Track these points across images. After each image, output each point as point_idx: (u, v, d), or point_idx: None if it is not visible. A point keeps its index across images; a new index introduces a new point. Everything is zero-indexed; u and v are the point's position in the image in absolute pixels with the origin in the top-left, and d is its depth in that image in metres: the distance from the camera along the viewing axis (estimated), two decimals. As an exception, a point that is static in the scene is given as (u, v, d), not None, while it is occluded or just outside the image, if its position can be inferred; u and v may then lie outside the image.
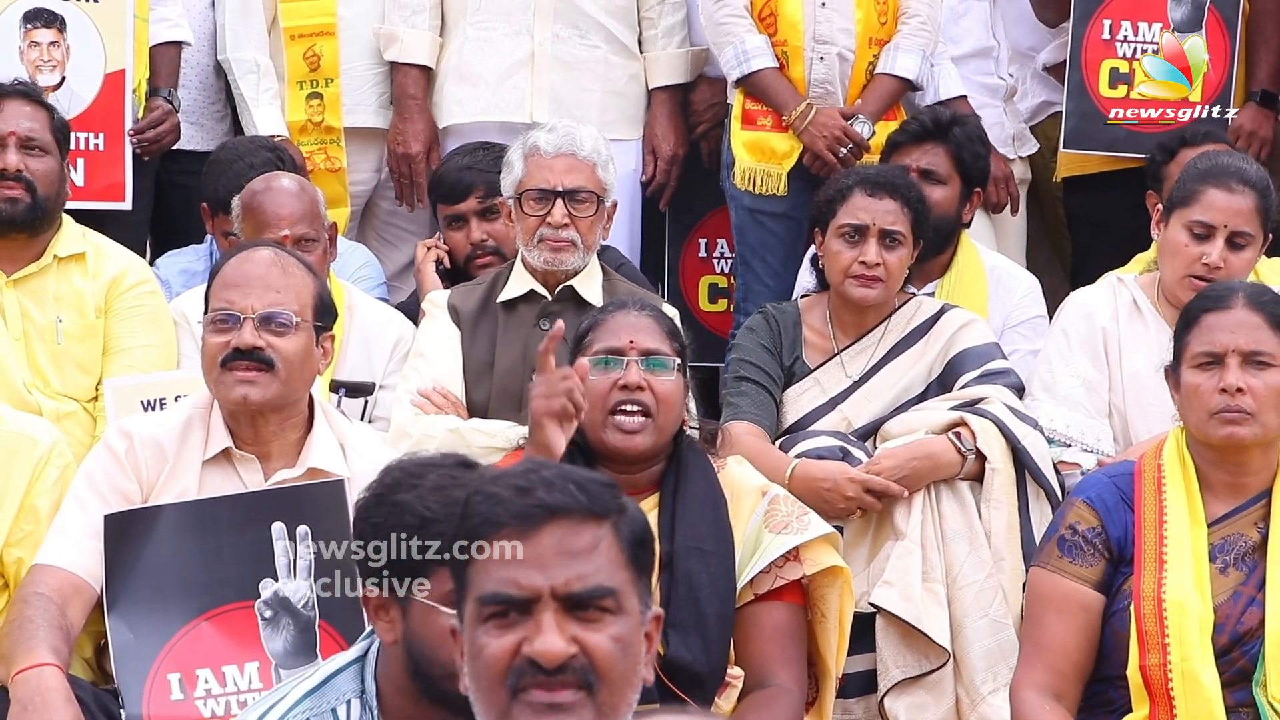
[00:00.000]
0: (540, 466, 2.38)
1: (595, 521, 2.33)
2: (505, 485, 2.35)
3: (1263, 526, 3.74)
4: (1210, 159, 4.74)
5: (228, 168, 5.17)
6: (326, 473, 3.81)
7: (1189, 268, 4.55)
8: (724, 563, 3.83)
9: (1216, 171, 4.59)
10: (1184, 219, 4.56)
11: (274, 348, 3.80)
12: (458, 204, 5.30)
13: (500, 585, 2.30)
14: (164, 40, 5.49)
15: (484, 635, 2.31)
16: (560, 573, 2.30)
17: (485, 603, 2.31)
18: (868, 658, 4.33)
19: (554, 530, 2.32)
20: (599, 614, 2.31)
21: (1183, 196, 4.59)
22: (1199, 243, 4.55)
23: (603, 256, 5.11)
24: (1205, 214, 4.54)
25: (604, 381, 3.89)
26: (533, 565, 2.30)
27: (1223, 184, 4.55)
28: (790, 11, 5.40)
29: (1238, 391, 3.71)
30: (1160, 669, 3.63)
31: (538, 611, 2.29)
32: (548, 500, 2.33)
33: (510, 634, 2.30)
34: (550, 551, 2.31)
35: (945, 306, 4.81)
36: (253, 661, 3.63)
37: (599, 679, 2.29)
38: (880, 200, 4.69)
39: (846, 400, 4.66)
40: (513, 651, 2.29)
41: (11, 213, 4.71)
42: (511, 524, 2.32)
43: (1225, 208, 4.53)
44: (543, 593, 2.29)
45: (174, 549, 3.69)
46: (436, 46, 5.72)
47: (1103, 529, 3.75)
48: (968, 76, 5.77)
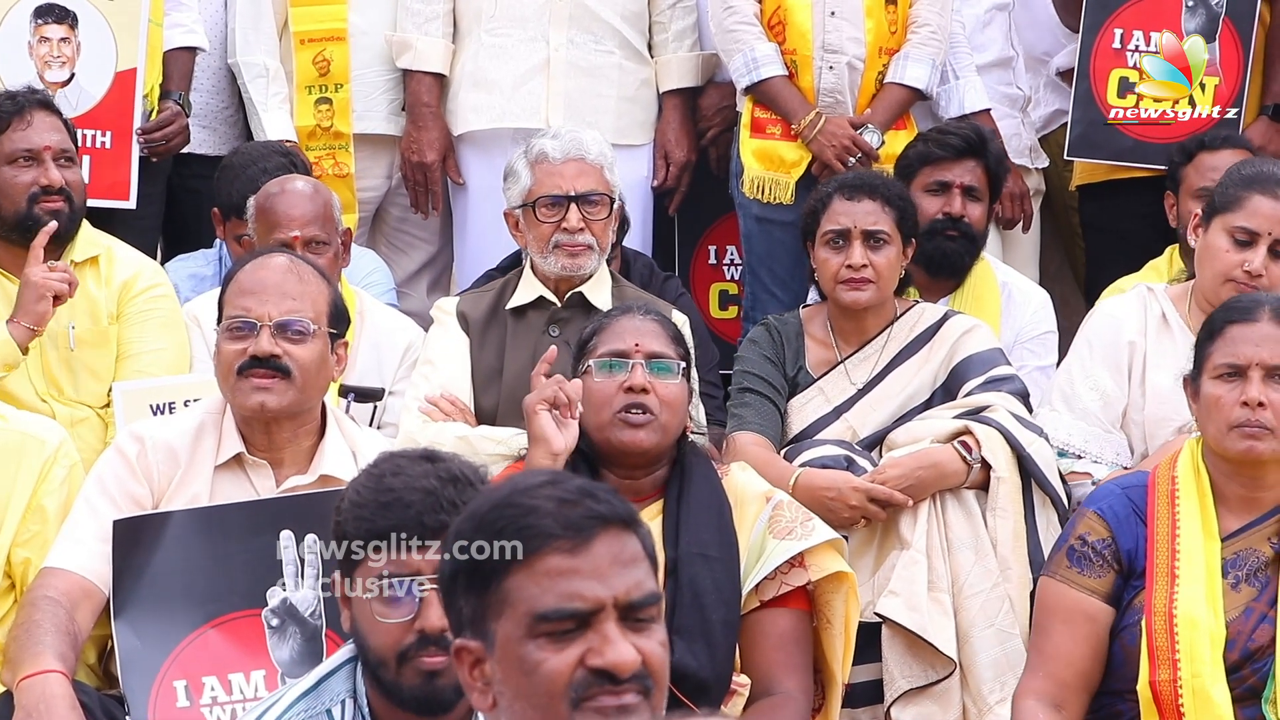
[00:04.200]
0: (563, 478, 2.34)
1: (632, 530, 2.31)
2: (542, 496, 2.28)
3: (1276, 542, 3.73)
4: (1255, 165, 4.71)
5: (240, 172, 5.17)
6: (338, 479, 3.80)
7: (1229, 273, 4.51)
8: (729, 569, 3.83)
9: (1262, 179, 4.55)
10: (1226, 224, 4.53)
11: (290, 355, 3.81)
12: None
13: (563, 600, 2.24)
14: (178, 45, 5.49)
15: (538, 651, 2.24)
16: (619, 582, 2.26)
17: (546, 619, 2.24)
18: (874, 668, 4.33)
19: (605, 540, 2.27)
20: (649, 621, 2.29)
21: (1225, 202, 4.55)
22: (1240, 249, 4.51)
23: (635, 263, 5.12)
24: (1249, 220, 4.50)
25: (609, 384, 3.90)
26: (592, 576, 2.25)
27: (1268, 191, 4.51)
28: (799, 20, 5.40)
29: (1259, 406, 3.69)
30: (1171, 684, 3.62)
31: (599, 623, 2.25)
32: (599, 510, 2.28)
33: (571, 648, 2.24)
34: (606, 562, 2.26)
35: (949, 313, 4.81)
36: (259, 670, 3.63)
37: (655, 684, 2.28)
38: (859, 202, 4.69)
39: (851, 409, 4.67)
40: (575, 665, 2.24)
41: (59, 226, 4.73)
42: (565, 535, 2.26)
43: (1270, 215, 4.50)
44: (606, 603, 2.25)
45: (181, 556, 3.69)
46: (450, 53, 5.72)
47: (1113, 541, 3.74)
48: (990, 86, 5.77)
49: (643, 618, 2.28)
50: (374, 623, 2.79)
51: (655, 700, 2.28)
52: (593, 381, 3.93)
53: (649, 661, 2.26)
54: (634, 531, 2.30)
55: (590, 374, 3.95)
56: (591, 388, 3.93)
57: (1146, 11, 5.62)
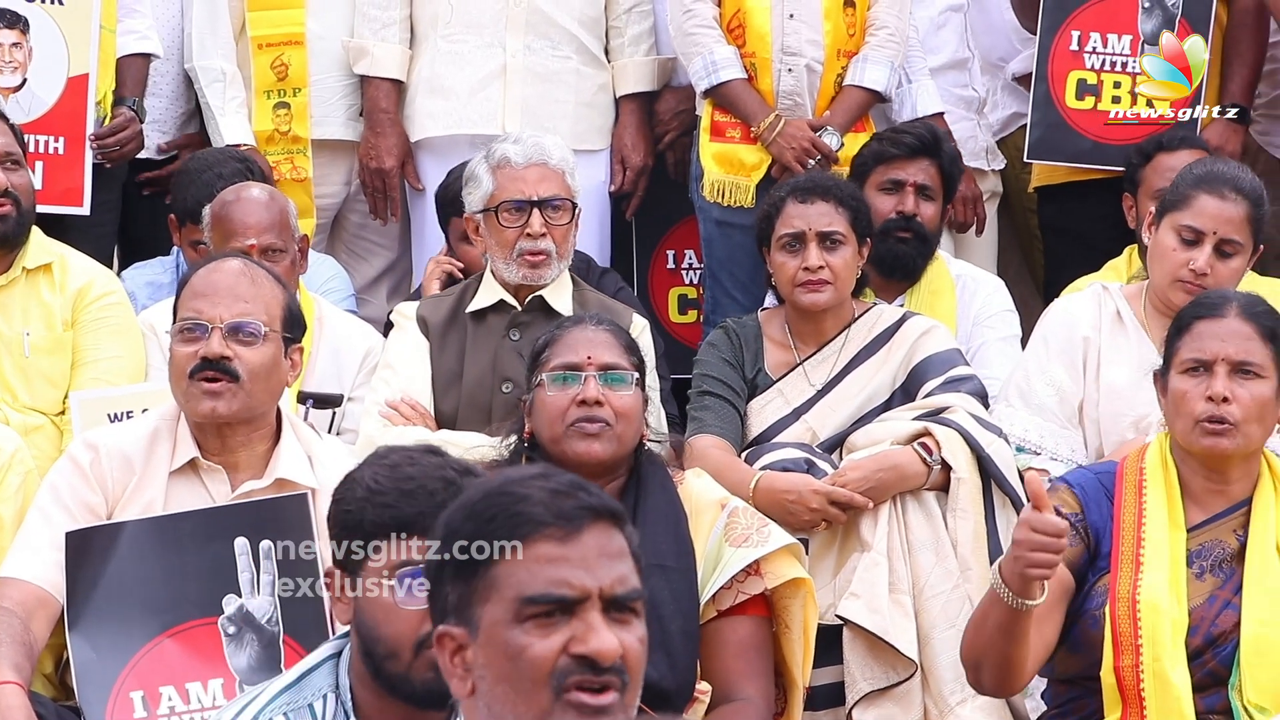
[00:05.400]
0: (554, 472, 2.39)
1: (619, 527, 2.36)
2: (534, 486, 2.34)
3: (1241, 534, 3.75)
4: (1205, 165, 4.74)
5: (196, 177, 5.16)
6: (294, 483, 3.81)
7: (1176, 272, 4.54)
8: (686, 578, 3.83)
9: (1210, 178, 4.58)
10: (1174, 223, 4.56)
11: (241, 358, 3.80)
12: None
13: (551, 586, 2.29)
14: (132, 52, 5.47)
15: (524, 636, 2.29)
16: (606, 574, 2.31)
17: (532, 603, 2.29)
18: (835, 670, 4.34)
19: (594, 532, 2.32)
20: (630, 616, 2.33)
21: (1175, 200, 4.59)
22: (1187, 248, 4.54)
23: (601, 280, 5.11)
24: (1195, 219, 4.54)
25: (562, 397, 3.89)
26: (580, 566, 2.30)
27: (1215, 190, 4.54)
28: (758, 23, 5.41)
29: (1224, 401, 3.71)
30: (1133, 670, 3.64)
31: (584, 612, 2.30)
32: (590, 502, 2.33)
33: (556, 634, 2.29)
34: (594, 553, 2.31)
35: (906, 314, 4.82)
36: (217, 678, 3.62)
37: (631, 679, 2.32)
38: (812, 205, 4.70)
39: (811, 410, 4.67)
40: (559, 651, 2.28)
41: (4, 230, 4.70)
42: (556, 524, 2.31)
43: (1216, 214, 4.53)
44: (592, 593, 2.30)
45: (136, 565, 3.67)
46: (407, 59, 5.71)
47: (1083, 515, 3.76)
48: (945, 89, 5.79)
49: (626, 612, 2.32)
50: (391, 612, 2.78)
51: (629, 697, 2.32)
52: (545, 395, 3.92)
53: (628, 655, 2.31)
54: (621, 528, 2.36)
55: (543, 387, 3.93)
56: (544, 401, 3.92)
57: (1104, 13, 5.64)
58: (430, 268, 5.36)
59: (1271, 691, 3.63)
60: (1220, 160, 4.94)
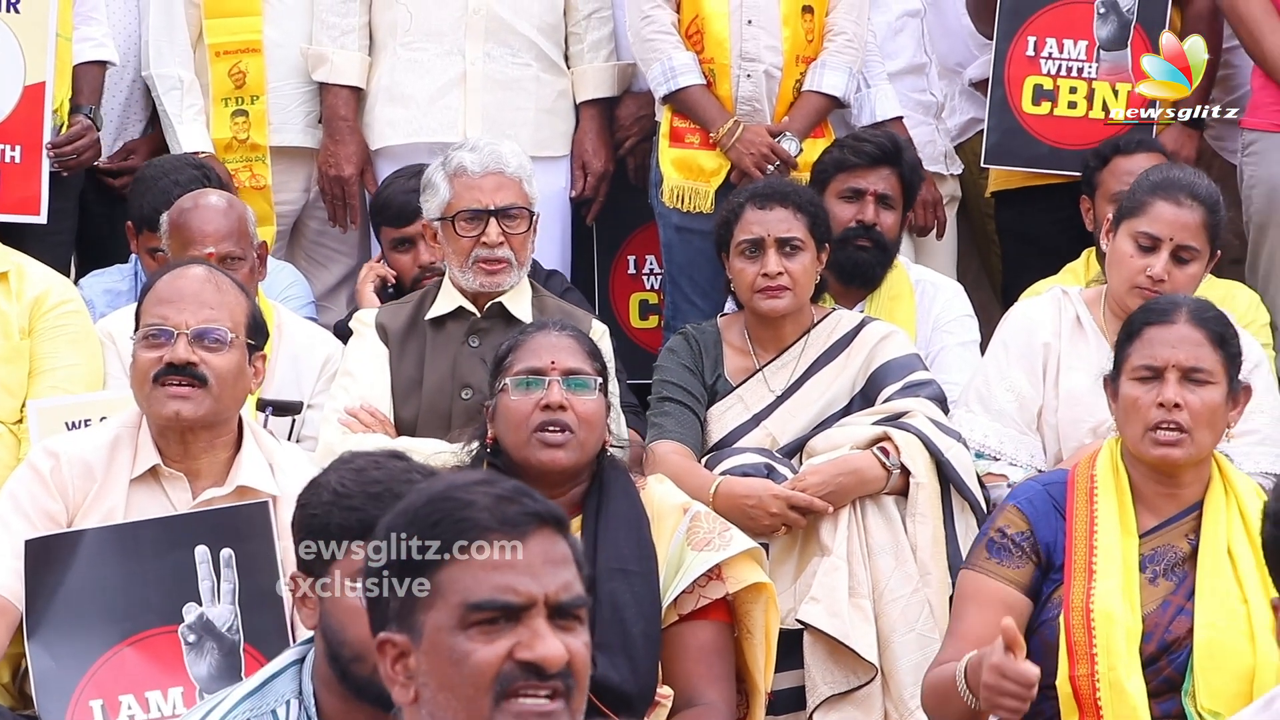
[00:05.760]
0: (497, 478, 2.38)
1: (563, 534, 2.36)
2: (479, 492, 2.33)
3: (1193, 538, 3.76)
4: (1162, 171, 4.76)
5: (153, 185, 5.15)
6: (255, 491, 3.80)
7: (1134, 279, 4.56)
8: (648, 582, 3.83)
9: (1167, 184, 4.60)
10: (1131, 229, 4.58)
11: (207, 364, 3.80)
12: (405, 227, 5.28)
13: (496, 592, 2.29)
14: (88, 60, 5.45)
15: (467, 642, 2.28)
16: (551, 581, 2.31)
17: (477, 609, 2.28)
18: (796, 674, 4.35)
19: (539, 539, 2.32)
20: (575, 623, 2.33)
21: (1131, 207, 4.61)
22: (1144, 254, 4.56)
23: (548, 282, 5.11)
24: (1151, 226, 4.56)
25: (526, 402, 3.89)
26: (525, 572, 2.30)
27: (1171, 197, 4.56)
28: (717, 29, 5.42)
29: (1175, 407, 3.72)
30: (1088, 679, 3.64)
31: (530, 618, 2.29)
32: (534, 509, 2.33)
33: (501, 640, 2.28)
34: (539, 560, 2.31)
35: (865, 319, 4.84)
36: (176, 686, 3.61)
37: (576, 685, 2.32)
38: (771, 211, 4.72)
39: (770, 416, 4.68)
40: (504, 657, 2.28)
41: None
42: (500, 530, 2.30)
43: (1172, 220, 4.55)
44: (538, 599, 2.29)
45: (96, 574, 3.66)
46: (366, 67, 5.70)
47: (1032, 534, 3.77)
48: (903, 94, 5.81)
49: (570, 619, 2.32)
50: (357, 615, 2.73)
51: (575, 703, 2.32)
52: (509, 400, 3.92)
53: (574, 661, 2.30)
54: (565, 535, 2.35)
55: (507, 392, 3.93)
56: (508, 406, 3.92)
57: (1059, 19, 5.67)
58: (364, 272, 5.36)
59: (1225, 696, 3.63)
60: (1176, 167, 4.96)
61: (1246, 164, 5.59)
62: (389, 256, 5.36)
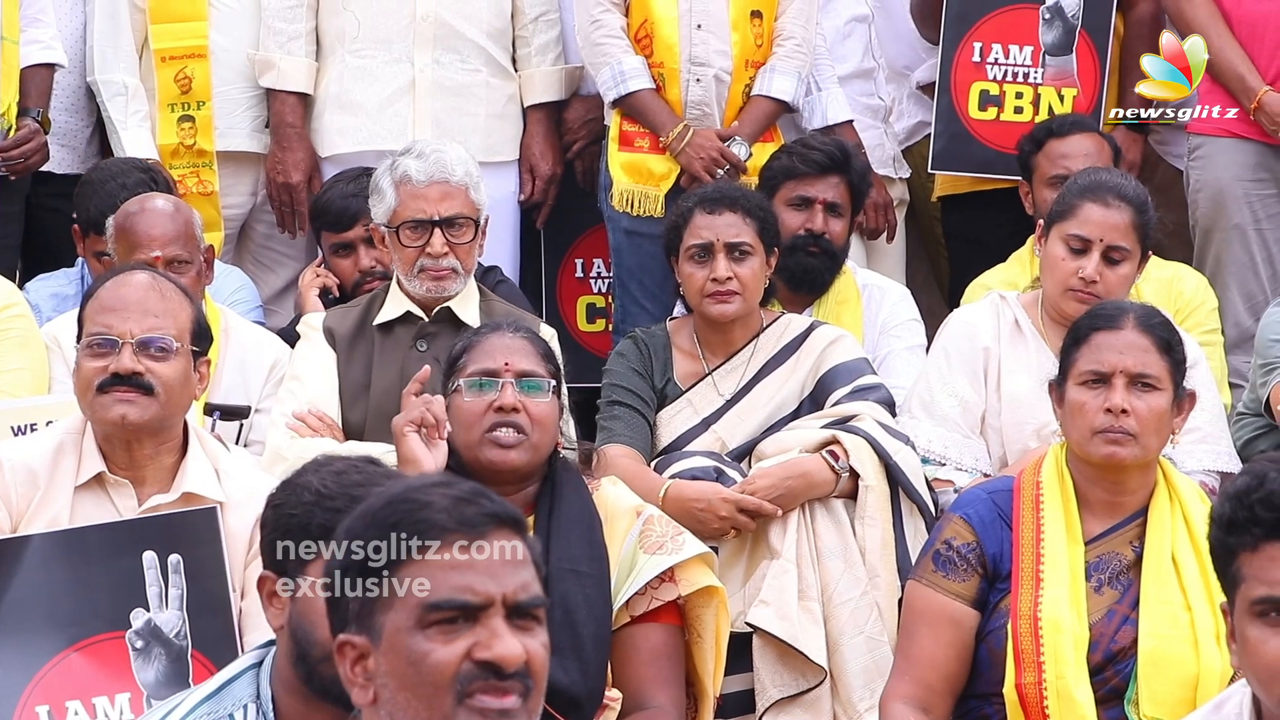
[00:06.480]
0: (455, 480, 2.39)
1: (520, 535, 2.36)
2: (437, 494, 2.34)
3: (1138, 545, 3.77)
4: (1090, 175, 4.80)
5: (99, 187, 5.13)
6: (201, 497, 3.78)
7: (1067, 281, 4.61)
8: (599, 584, 3.83)
9: (1094, 187, 4.65)
10: (1062, 233, 4.63)
11: (153, 373, 3.77)
12: (344, 232, 5.27)
13: (454, 592, 2.30)
14: (35, 62, 5.42)
15: (426, 642, 2.29)
16: (510, 581, 2.32)
17: (435, 609, 2.29)
18: (745, 678, 4.35)
19: (497, 539, 2.33)
20: (533, 623, 2.34)
21: (1061, 211, 4.65)
22: (1075, 257, 4.61)
23: (485, 278, 5.10)
24: (1081, 228, 4.60)
25: (479, 403, 3.89)
26: (484, 572, 2.31)
27: (1099, 199, 4.61)
28: (666, 34, 5.43)
29: (1122, 413, 3.74)
30: (1036, 687, 3.65)
31: (488, 618, 2.30)
32: (492, 509, 2.34)
33: (459, 640, 2.29)
34: (497, 560, 2.32)
35: (814, 323, 4.85)
36: (124, 692, 3.58)
37: (534, 684, 2.32)
38: (720, 215, 4.73)
39: (720, 420, 4.69)
40: (462, 657, 2.29)
41: None
42: (459, 530, 2.31)
43: (1101, 222, 4.59)
44: (495, 599, 2.30)
45: (42, 579, 3.62)
46: (314, 73, 5.69)
47: (978, 545, 3.78)
48: (851, 98, 5.83)
49: (528, 619, 2.33)
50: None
51: (533, 703, 2.33)
52: (462, 400, 3.92)
53: (532, 661, 2.31)
54: (522, 536, 2.36)
55: (460, 393, 3.93)
56: (461, 407, 3.92)
57: (1005, 25, 5.70)
58: (308, 278, 5.35)
59: (1168, 704, 3.65)
60: (1104, 169, 5.01)
61: (1192, 168, 5.64)
62: (329, 261, 5.35)
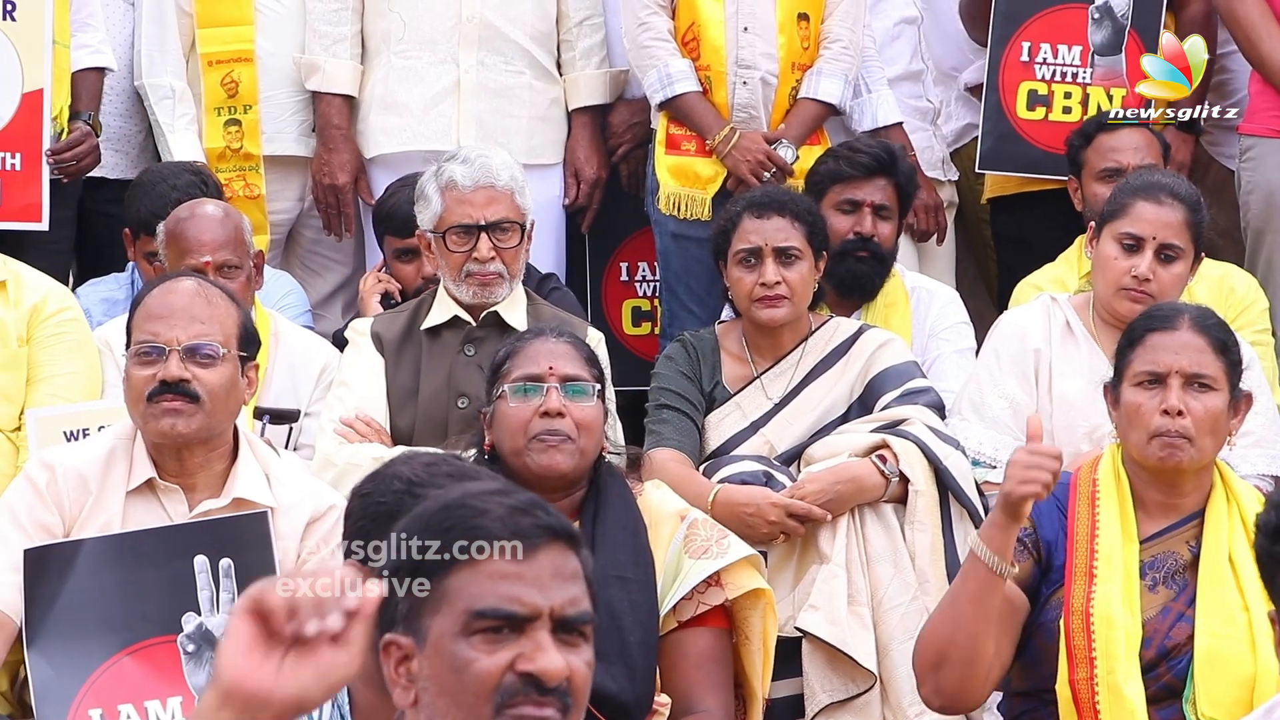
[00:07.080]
0: (514, 489, 2.39)
1: (574, 549, 2.35)
2: (494, 501, 2.34)
3: (1194, 546, 3.76)
4: (1142, 176, 4.80)
5: (150, 190, 5.16)
6: (252, 503, 3.80)
7: (1120, 280, 4.58)
8: (645, 589, 3.82)
9: (1147, 186, 4.64)
10: (1114, 232, 4.61)
11: (200, 380, 3.79)
12: (409, 237, 5.28)
13: (502, 601, 2.29)
14: (86, 66, 5.45)
15: (471, 649, 2.29)
16: (558, 595, 2.31)
17: (482, 616, 2.29)
18: (795, 682, 4.33)
19: (549, 552, 2.32)
20: (579, 639, 2.33)
21: (1113, 210, 4.63)
22: (1129, 255, 4.58)
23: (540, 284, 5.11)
24: (1134, 226, 4.58)
25: (525, 409, 3.88)
26: (533, 584, 2.30)
27: (1152, 197, 4.59)
28: (713, 36, 5.42)
29: (1178, 414, 3.72)
30: (1087, 683, 3.64)
31: (534, 630, 2.29)
32: (547, 522, 2.33)
33: (504, 650, 2.28)
34: (548, 573, 2.31)
35: (863, 327, 4.83)
36: (175, 696, 3.60)
37: (574, 702, 2.31)
38: (769, 220, 4.71)
39: (768, 424, 4.68)
40: (505, 668, 2.28)
41: None
42: (511, 540, 2.31)
43: (1154, 220, 4.57)
44: (543, 612, 2.29)
45: (94, 583, 3.65)
46: (359, 75, 5.70)
47: (1034, 529, 3.77)
48: (900, 100, 5.81)
49: (575, 635, 2.31)
50: None
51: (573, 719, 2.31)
52: (507, 406, 3.91)
53: (574, 678, 2.30)
54: (576, 551, 2.35)
55: (505, 399, 3.93)
56: (506, 413, 3.91)
57: (1053, 25, 5.68)
58: (369, 283, 5.36)
59: (1225, 704, 3.63)
60: (1156, 170, 5.01)
61: (1244, 169, 5.61)
62: (392, 266, 5.36)
